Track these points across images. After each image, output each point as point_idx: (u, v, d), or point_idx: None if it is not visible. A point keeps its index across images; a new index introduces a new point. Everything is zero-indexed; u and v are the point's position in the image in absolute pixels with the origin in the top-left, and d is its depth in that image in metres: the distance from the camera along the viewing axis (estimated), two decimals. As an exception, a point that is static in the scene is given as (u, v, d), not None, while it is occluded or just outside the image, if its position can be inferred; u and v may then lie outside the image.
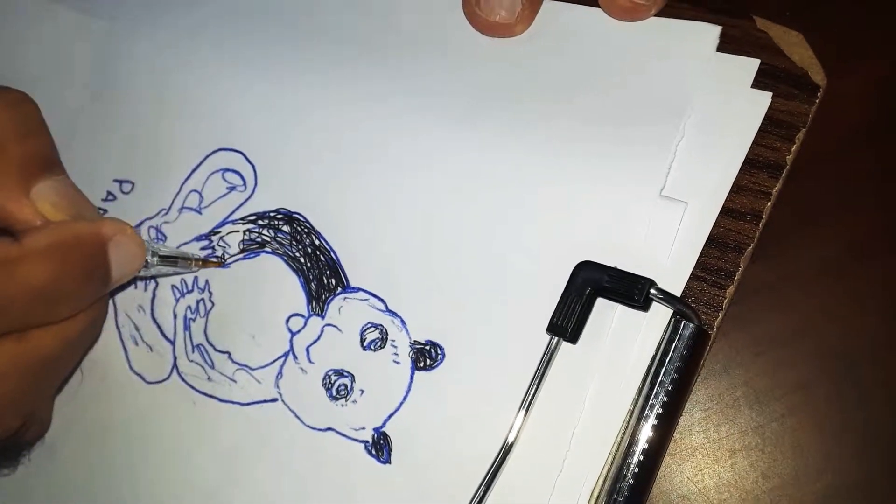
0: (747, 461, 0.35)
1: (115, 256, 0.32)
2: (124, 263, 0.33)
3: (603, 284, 0.32)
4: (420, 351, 0.35)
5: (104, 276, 0.32)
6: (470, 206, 0.35)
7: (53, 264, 0.29)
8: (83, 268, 0.31)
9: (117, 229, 0.32)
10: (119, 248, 0.32)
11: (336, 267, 0.37)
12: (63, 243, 0.30)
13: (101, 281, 0.32)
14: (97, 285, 0.32)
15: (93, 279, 0.32)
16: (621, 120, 0.34)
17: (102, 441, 0.39)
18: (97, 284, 0.32)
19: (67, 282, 0.30)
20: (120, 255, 0.32)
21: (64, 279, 0.30)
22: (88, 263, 0.31)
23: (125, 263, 0.33)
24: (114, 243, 0.32)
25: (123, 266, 0.33)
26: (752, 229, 0.33)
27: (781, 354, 0.35)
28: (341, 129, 0.38)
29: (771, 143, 0.34)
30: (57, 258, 0.30)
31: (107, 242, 0.32)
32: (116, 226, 0.32)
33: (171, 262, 0.36)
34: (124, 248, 0.32)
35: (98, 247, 0.31)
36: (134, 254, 0.33)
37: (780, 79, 0.34)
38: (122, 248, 0.32)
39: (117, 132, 0.41)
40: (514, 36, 0.36)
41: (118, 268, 0.32)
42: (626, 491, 0.31)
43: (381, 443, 0.35)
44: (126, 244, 0.32)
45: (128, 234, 0.32)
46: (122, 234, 0.32)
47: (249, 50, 0.40)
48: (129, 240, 0.33)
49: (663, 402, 0.31)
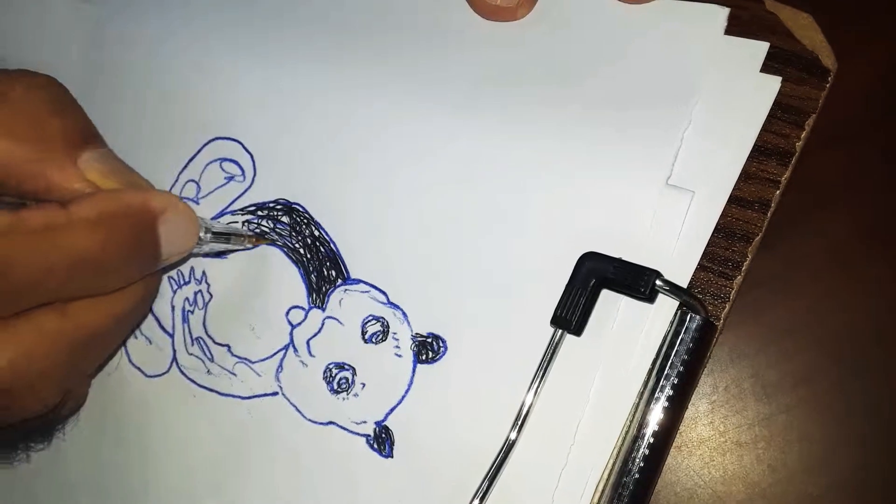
0: (754, 453, 0.34)
1: (164, 231, 0.31)
2: (174, 239, 0.31)
3: (608, 276, 0.32)
4: (422, 343, 0.35)
5: (153, 251, 0.31)
6: (472, 195, 0.35)
7: (99, 234, 0.28)
8: (130, 240, 0.30)
9: (169, 203, 0.31)
10: (170, 224, 0.31)
11: (336, 258, 0.36)
12: (111, 212, 0.29)
13: (150, 255, 0.31)
14: (146, 260, 0.31)
15: (141, 253, 0.30)
16: (626, 106, 0.33)
17: (103, 435, 0.39)
18: (146, 259, 0.31)
19: (113, 253, 0.29)
20: (171, 230, 0.31)
21: (109, 250, 0.29)
22: (136, 236, 0.30)
23: (177, 239, 0.31)
24: (164, 218, 0.31)
25: (174, 242, 0.31)
26: (760, 218, 0.33)
27: (789, 345, 0.35)
28: (341, 117, 0.37)
29: (780, 130, 0.33)
30: (104, 227, 0.29)
31: (157, 216, 0.30)
32: (168, 199, 0.31)
33: (224, 240, 0.35)
34: (175, 223, 0.31)
35: (147, 219, 0.30)
36: (186, 229, 0.32)
37: (789, 63, 0.33)
38: (172, 224, 0.31)
39: (113, 121, 0.40)
40: (516, 20, 0.35)
41: (169, 243, 0.31)
42: (632, 485, 0.31)
43: (382, 436, 0.35)
44: (178, 219, 0.31)
45: (178, 209, 0.31)
46: (174, 208, 0.31)
47: (246, 37, 0.39)
48: (181, 215, 0.31)
49: (669, 395, 0.31)
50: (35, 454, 0.39)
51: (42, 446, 0.39)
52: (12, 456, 0.39)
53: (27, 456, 0.39)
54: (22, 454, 0.39)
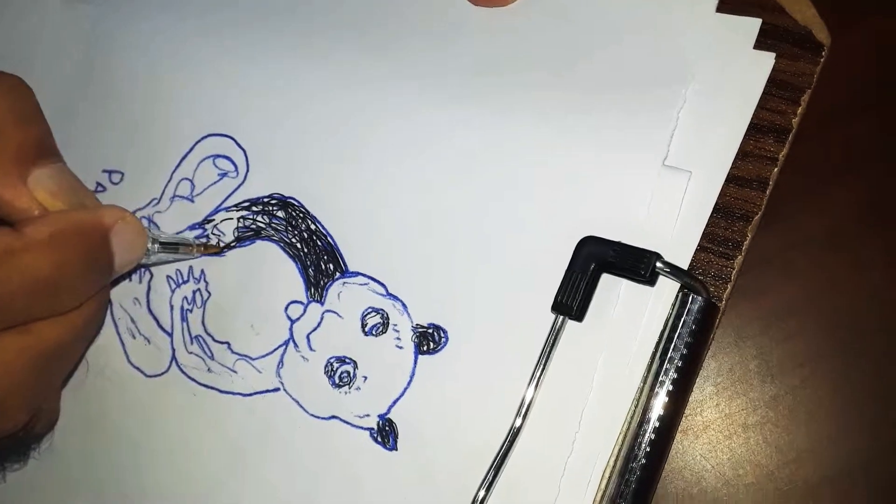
0: (761, 435, 0.34)
1: (117, 244, 0.31)
2: (127, 251, 0.32)
3: (607, 260, 0.31)
4: (423, 335, 0.34)
5: (107, 265, 0.31)
6: (468, 184, 0.34)
7: (56, 255, 0.29)
8: (86, 257, 0.30)
9: (118, 216, 0.31)
10: (121, 236, 0.31)
11: (334, 252, 0.36)
12: (65, 233, 0.29)
13: (105, 270, 0.31)
14: (100, 274, 0.31)
15: (96, 268, 0.31)
16: (620, 88, 0.33)
17: (104, 435, 0.38)
18: (100, 273, 0.31)
19: (71, 272, 0.29)
20: (122, 242, 0.31)
21: (67, 269, 0.29)
22: (91, 253, 0.30)
23: (128, 251, 0.32)
24: (115, 231, 0.31)
25: (126, 254, 0.32)
26: (759, 197, 0.32)
27: (792, 325, 0.34)
28: (334, 111, 0.37)
29: (776, 106, 0.32)
30: (59, 248, 0.29)
31: (108, 231, 0.31)
32: (117, 213, 0.31)
33: (172, 249, 0.36)
34: (126, 235, 0.31)
35: (100, 235, 0.31)
36: (135, 241, 0.32)
37: (782, 39, 0.33)
38: (123, 236, 0.31)
39: (106, 122, 0.40)
40: (506, 5, 0.35)
41: (121, 256, 0.31)
42: (639, 470, 0.30)
43: (386, 429, 0.34)
44: (127, 231, 0.31)
45: (128, 222, 0.32)
46: (123, 221, 0.31)
47: (237, 33, 0.38)
48: (131, 227, 0.32)
49: (673, 379, 0.31)
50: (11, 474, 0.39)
51: (18, 466, 0.39)
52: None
53: (2, 476, 0.39)
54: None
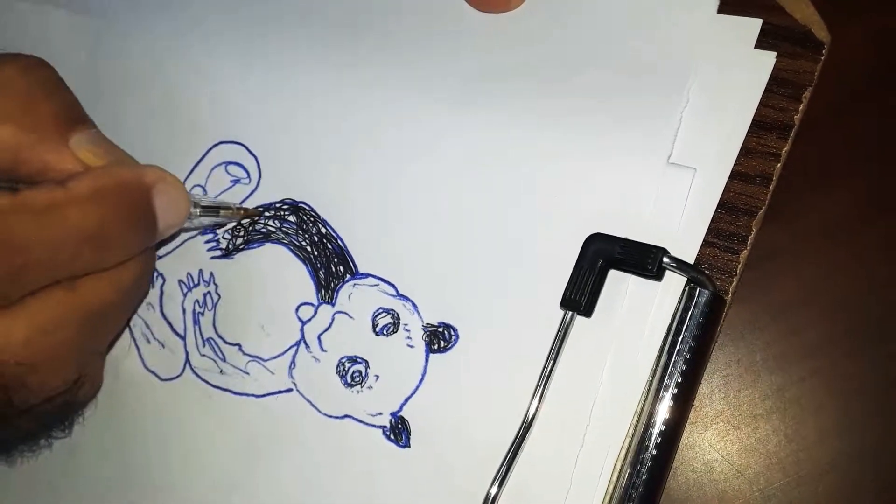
0: (769, 425, 0.34)
1: (160, 203, 0.32)
2: (170, 210, 0.32)
3: (615, 256, 0.32)
4: (433, 333, 0.35)
5: (151, 223, 0.32)
6: (475, 185, 0.35)
7: (100, 208, 0.29)
8: (129, 212, 0.31)
9: (159, 176, 0.32)
10: (163, 195, 0.32)
11: (344, 254, 0.37)
12: (108, 187, 0.30)
13: (149, 228, 0.32)
14: (145, 232, 0.32)
15: (140, 225, 0.31)
16: (624, 89, 0.34)
17: (121, 440, 0.39)
18: (145, 231, 0.32)
19: (115, 226, 0.30)
20: (164, 201, 0.32)
21: (111, 223, 0.30)
22: (134, 208, 0.31)
23: (171, 210, 0.32)
24: (157, 191, 0.32)
25: (169, 214, 0.32)
26: (763, 192, 0.33)
27: (798, 316, 0.35)
28: (343, 116, 0.37)
29: (777, 104, 0.33)
30: (103, 202, 0.29)
31: (151, 188, 0.31)
32: (158, 172, 0.32)
33: (213, 213, 0.36)
34: (168, 194, 0.32)
35: (142, 192, 0.31)
36: (178, 200, 0.33)
37: (783, 38, 0.33)
38: (166, 195, 0.32)
39: (117, 130, 0.40)
40: (509, 10, 0.36)
41: (164, 215, 0.32)
42: (650, 461, 0.31)
43: (399, 427, 0.35)
44: (170, 191, 0.32)
45: (169, 182, 0.32)
46: (164, 181, 0.32)
47: (245, 40, 0.39)
48: (172, 187, 0.32)
49: (682, 371, 0.31)
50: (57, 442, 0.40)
51: (63, 434, 0.39)
52: (35, 448, 0.39)
53: (49, 444, 0.40)
54: (44, 443, 0.39)
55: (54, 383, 0.31)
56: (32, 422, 0.33)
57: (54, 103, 0.32)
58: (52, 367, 0.31)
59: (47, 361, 0.30)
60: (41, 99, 0.32)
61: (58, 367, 0.31)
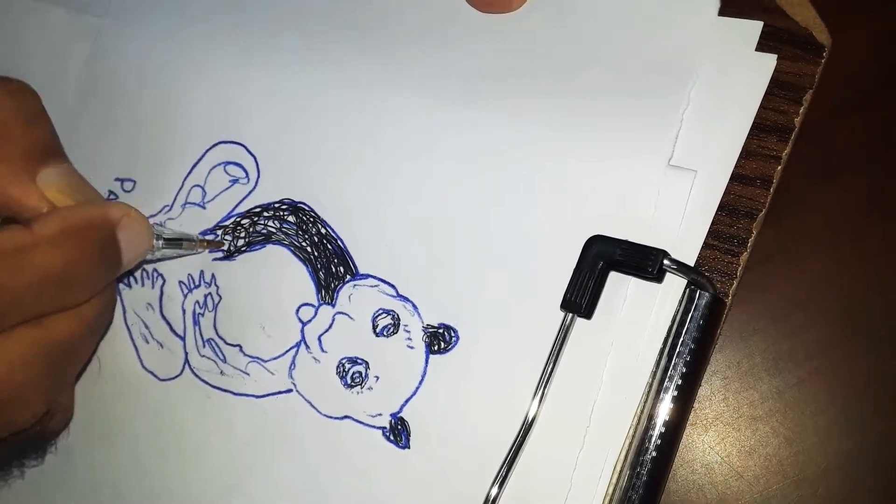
0: (769, 427, 0.34)
1: (124, 239, 0.32)
2: (133, 245, 0.33)
3: (615, 258, 0.32)
4: (433, 334, 0.35)
5: (115, 259, 0.32)
6: (476, 186, 0.35)
7: (66, 250, 0.29)
8: (95, 251, 0.31)
9: (123, 212, 0.32)
10: (127, 230, 0.32)
11: (344, 254, 0.37)
12: (74, 228, 0.30)
13: (113, 264, 0.32)
14: (109, 268, 0.32)
15: (104, 262, 0.32)
16: (625, 90, 0.34)
17: (119, 439, 0.39)
18: (109, 267, 0.32)
19: (80, 266, 0.30)
20: (129, 236, 0.32)
21: (77, 264, 0.30)
22: (100, 247, 0.31)
23: (134, 245, 0.33)
24: (122, 225, 0.32)
25: (133, 248, 0.33)
26: (763, 194, 0.33)
27: (798, 318, 0.35)
28: (342, 116, 0.37)
29: (778, 106, 0.33)
30: (69, 243, 0.29)
31: (115, 225, 0.32)
32: (122, 208, 0.32)
33: (176, 245, 0.36)
34: (132, 229, 0.32)
35: (108, 230, 0.31)
36: (142, 234, 0.33)
37: (784, 40, 0.33)
38: (130, 230, 0.32)
39: (116, 130, 0.41)
40: (511, 11, 0.36)
41: (128, 250, 0.32)
42: (650, 463, 0.31)
43: (398, 428, 0.35)
44: (133, 226, 0.32)
45: (133, 217, 0.32)
46: (129, 217, 0.32)
47: (244, 40, 0.39)
48: (136, 221, 0.33)
49: (682, 373, 0.31)
50: (30, 470, 0.39)
51: (35, 462, 0.39)
52: (8, 474, 0.39)
53: (21, 473, 0.40)
54: (17, 471, 0.39)
55: (23, 419, 0.31)
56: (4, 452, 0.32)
57: (29, 135, 0.31)
58: (19, 404, 0.30)
59: (15, 399, 0.30)
60: (17, 129, 0.31)
61: (26, 403, 0.31)
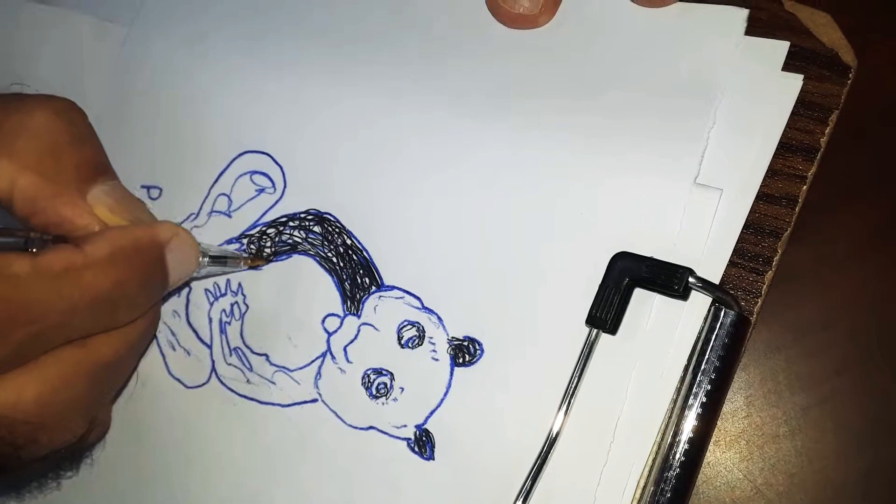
0: (792, 445, 0.35)
1: (172, 260, 0.32)
2: (181, 266, 0.33)
3: (641, 275, 0.32)
4: (458, 347, 0.35)
5: (163, 280, 0.32)
6: (502, 200, 0.35)
7: (116, 271, 0.29)
8: (144, 273, 0.31)
9: (173, 232, 0.32)
10: (175, 252, 0.32)
11: (369, 266, 0.37)
12: (124, 250, 0.30)
13: (160, 285, 0.32)
14: (156, 289, 0.32)
15: (152, 284, 0.32)
16: (651, 109, 0.34)
17: (145, 446, 0.39)
18: (156, 288, 0.32)
19: (129, 288, 0.30)
20: (176, 258, 0.32)
21: (125, 286, 0.30)
22: (149, 269, 0.31)
23: (182, 266, 0.33)
24: (171, 247, 0.32)
25: (180, 269, 0.33)
26: (789, 214, 0.33)
27: (822, 337, 0.35)
28: (368, 128, 0.37)
29: (804, 126, 0.33)
30: (119, 265, 0.30)
31: (164, 246, 0.32)
32: (171, 229, 0.32)
33: (221, 262, 0.36)
34: (180, 251, 0.32)
35: (157, 251, 0.32)
36: (189, 256, 0.33)
37: (810, 61, 0.34)
38: (178, 252, 0.32)
39: (142, 138, 0.41)
40: (537, 27, 0.36)
41: (175, 271, 0.32)
42: (673, 479, 0.31)
43: (423, 439, 0.35)
44: (182, 247, 0.32)
45: (182, 238, 0.33)
46: (178, 237, 0.32)
47: (270, 49, 0.39)
48: (185, 243, 0.33)
49: (706, 390, 0.31)
50: (65, 481, 0.40)
51: (71, 474, 0.40)
52: (44, 485, 0.40)
53: (58, 484, 0.40)
54: (53, 483, 0.40)
55: (63, 438, 0.31)
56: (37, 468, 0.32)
57: (78, 153, 0.31)
58: (61, 423, 0.31)
59: (57, 418, 0.30)
60: (66, 147, 0.31)
61: (67, 422, 0.31)
